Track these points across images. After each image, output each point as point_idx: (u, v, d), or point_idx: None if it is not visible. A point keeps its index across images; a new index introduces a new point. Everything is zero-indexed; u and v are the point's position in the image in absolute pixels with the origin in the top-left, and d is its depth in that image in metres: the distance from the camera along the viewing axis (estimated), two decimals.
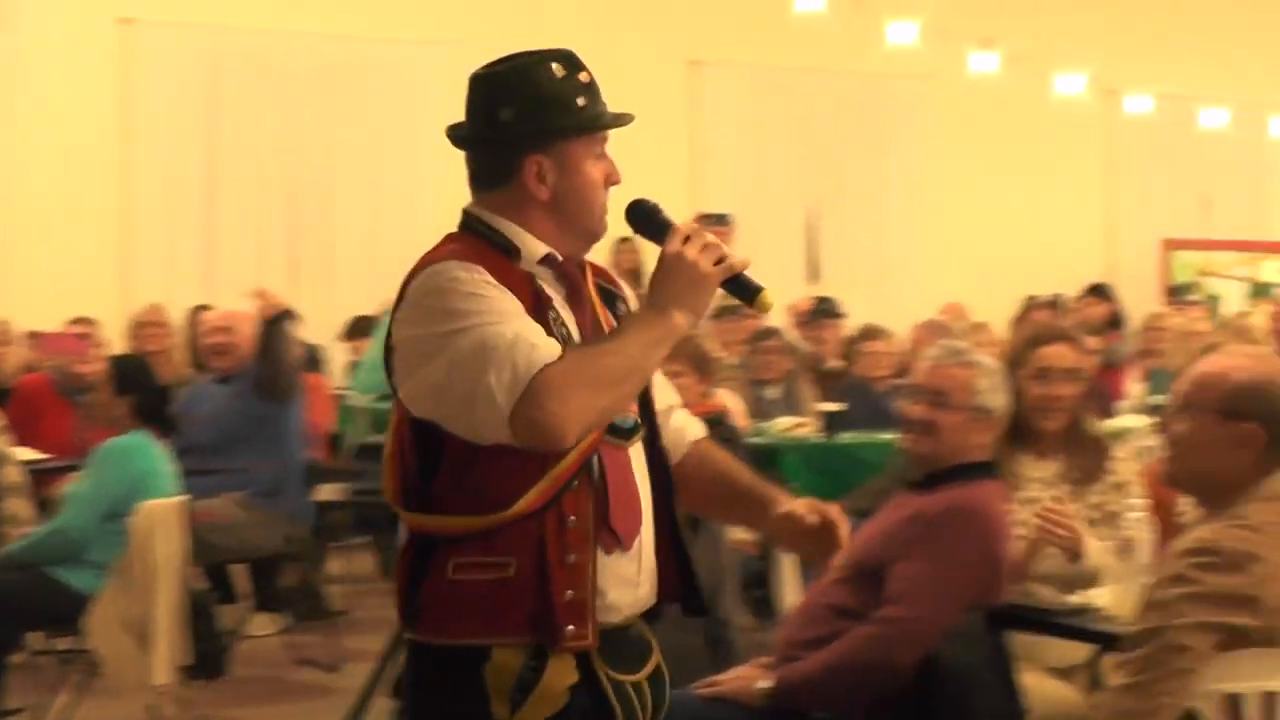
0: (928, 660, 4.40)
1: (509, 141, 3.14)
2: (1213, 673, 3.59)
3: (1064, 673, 4.99)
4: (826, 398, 9.62)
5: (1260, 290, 15.82)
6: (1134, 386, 10.45)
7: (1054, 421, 5.19)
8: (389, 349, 3.08)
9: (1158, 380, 9.89)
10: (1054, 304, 13.20)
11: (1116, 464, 5.20)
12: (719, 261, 3.03)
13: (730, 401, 8.09)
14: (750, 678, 4.59)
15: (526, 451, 2.95)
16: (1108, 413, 9.13)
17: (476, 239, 3.14)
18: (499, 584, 3.02)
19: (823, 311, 12.07)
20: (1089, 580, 4.72)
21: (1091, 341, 8.68)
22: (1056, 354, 5.29)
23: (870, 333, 10.64)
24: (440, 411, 2.98)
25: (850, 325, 11.67)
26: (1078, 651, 4.92)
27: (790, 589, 6.67)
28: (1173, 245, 16.10)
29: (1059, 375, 5.24)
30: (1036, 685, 4.80)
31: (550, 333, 3.01)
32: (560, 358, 2.92)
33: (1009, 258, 14.89)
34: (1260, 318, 11.32)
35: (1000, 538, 4.62)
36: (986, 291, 13.75)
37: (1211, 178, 16.51)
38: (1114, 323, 13.40)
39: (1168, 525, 5.00)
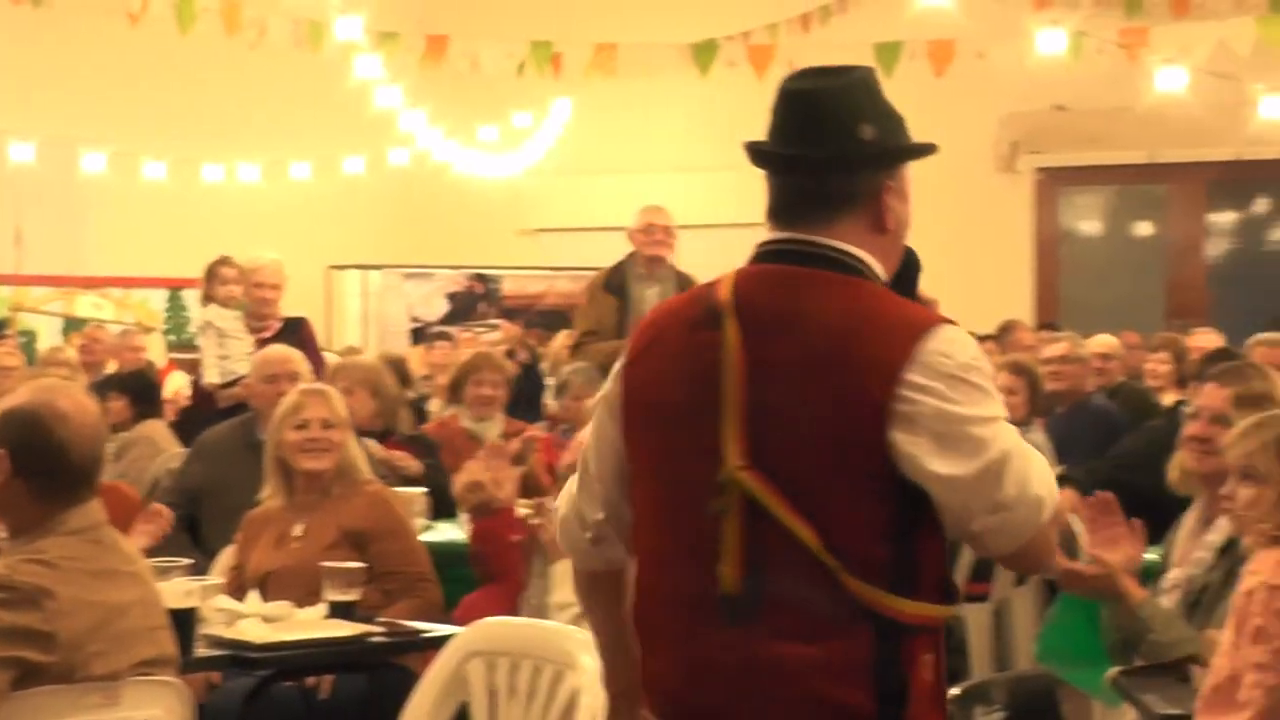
0: None
1: (871, 161, 2.69)
2: (9, 710, 3.60)
3: None
4: None
5: (75, 325, 15.92)
6: None
7: None
8: (885, 413, 2.59)
9: None
10: None
11: None
12: None
13: None
14: None
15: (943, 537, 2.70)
16: None
17: (874, 285, 2.72)
18: (940, 681, 2.72)
19: None
20: None
21: None
22: None
23: None
24: (965, 501, 2.61)
25: None
26: None
27: None
28: None
29: None
30: None
31: None
32: None
33: None
34: (72, 352, 11.42)
35: None
36: None
37: (22, 212, 16.43)
38: None
39: None
